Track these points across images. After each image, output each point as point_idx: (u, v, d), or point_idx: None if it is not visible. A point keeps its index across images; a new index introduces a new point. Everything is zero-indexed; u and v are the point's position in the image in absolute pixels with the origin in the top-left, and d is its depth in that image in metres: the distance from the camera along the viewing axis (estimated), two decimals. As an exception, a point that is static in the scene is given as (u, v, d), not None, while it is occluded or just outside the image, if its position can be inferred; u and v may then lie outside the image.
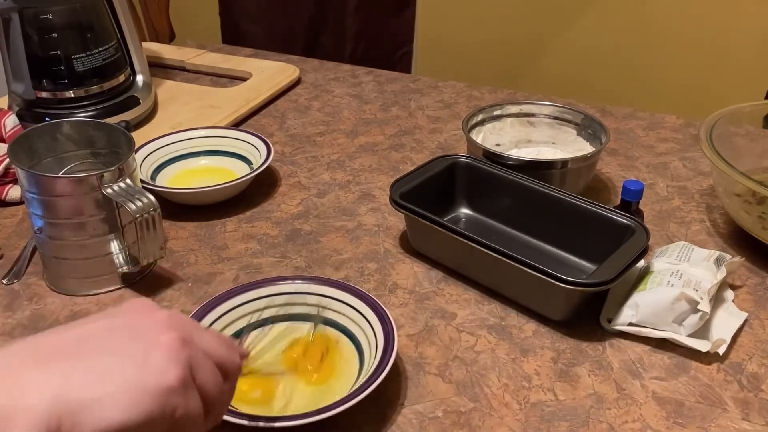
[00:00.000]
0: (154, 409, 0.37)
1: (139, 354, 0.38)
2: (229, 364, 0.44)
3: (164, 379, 0.38)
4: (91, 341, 0.39)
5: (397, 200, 0.76)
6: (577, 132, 0.93)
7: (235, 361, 0.45)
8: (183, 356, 0.40)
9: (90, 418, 0.35)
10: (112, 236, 0.71)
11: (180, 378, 0.39)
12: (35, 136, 0.73)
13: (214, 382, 0.42)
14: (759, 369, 0.64)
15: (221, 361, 0.43)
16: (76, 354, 0.38)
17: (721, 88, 1.72)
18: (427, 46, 1.87)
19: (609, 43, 1.81)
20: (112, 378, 0.37)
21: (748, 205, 0.79)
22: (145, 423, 0.37)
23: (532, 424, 0.59)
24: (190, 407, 0.40)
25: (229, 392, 0.45)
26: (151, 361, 0.38)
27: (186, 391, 0.39)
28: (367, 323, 0.64)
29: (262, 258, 0.79)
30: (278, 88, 1.17)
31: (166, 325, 0.41)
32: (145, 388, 0.37)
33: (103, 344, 0.39)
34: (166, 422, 0.38)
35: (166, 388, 0.38)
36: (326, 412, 0.54)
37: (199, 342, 0.42)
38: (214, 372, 0.42)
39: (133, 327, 0.40)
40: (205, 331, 0.44)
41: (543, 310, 0.70)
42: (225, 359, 0.44)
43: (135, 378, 0.37)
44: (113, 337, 0.39)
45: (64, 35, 0.95)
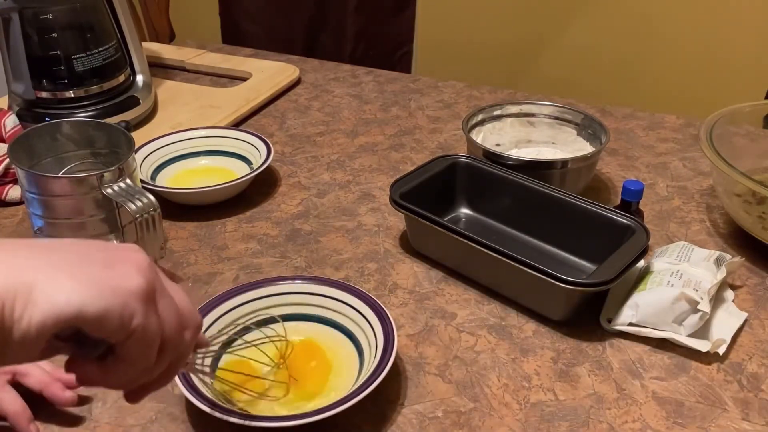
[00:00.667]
0: (112, 305, 0.36)
1: (107, 260, 0.38)
2: (191, 316, 0.43)
3: (128, 282, 0.37)
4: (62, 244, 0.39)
5: (397, 200, 0.76)
6: (577, 132, 0.93)
7: (196, 316, 0.44)
8: (149, 274, 0.39)
9: (45, 298, 0.34)
10: (112, 236, 0.71)
11: (144, 286, 0.38)
12: (35, 136, 0.73)
13: (174, 316, 0.41)
14: (759, 369, 0.64)
15: (183, 307, 0.43)
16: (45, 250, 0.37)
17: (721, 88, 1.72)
18: (427, 46, 1.87)
19: (609, 43, 1.81)
20: (76, 269, 0.36)
21: (748, 205, 0.79)
22: (101, 317, 0.36)
23: (532, 424, 0.59)
24: (148, 322, 0.38)
25: (187, 346, 0.44)
26: (117, 268, 0.38)
27: (147, 303, 0.38)
28: (367, 323, 0.64)
29: (262, 258, 0.79)
30: (278, 88, 1.17)
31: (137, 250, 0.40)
32: (107, 283, 0.37)
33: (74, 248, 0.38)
34: (122, 329, 0.37)
35: (129, 290, 0.37)
36: (326, 412, 0.54)
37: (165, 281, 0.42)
38: (175, 310, 0.41)
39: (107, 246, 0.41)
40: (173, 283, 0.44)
41: (543, 310, 0.70)
42: (187, 308, 0.43)
43: (98, 274, 0.37)
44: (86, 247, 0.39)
45: (64, 35, 0.96)
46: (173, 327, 0.41)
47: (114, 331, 0.37)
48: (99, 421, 0.59)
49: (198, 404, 0.55)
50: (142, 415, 0.60)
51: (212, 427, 0.57)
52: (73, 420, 0.59)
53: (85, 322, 0.36)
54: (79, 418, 0.59)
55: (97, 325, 0.36)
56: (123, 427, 0.59)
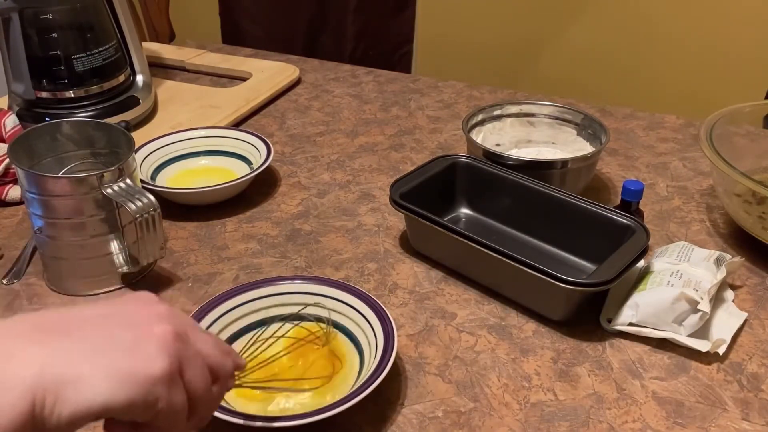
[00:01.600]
0: (136, 396, 0.37)
1: (129, 341, 0.39)
2: (221, 368, 0.44)
3: (150, 367, 0.38)
4: (84, 323, 0.39)
5: (397, 200, 0.76)
6: (577, 132, 0.93)
7: (227, 366, 0.45)
8: (173, 349, 0.40)
9: (72, 396, 0.35)
10: (112, 236, 0.71)
11: (166, 369, 0.39)
12: (35, 136, 0.73)
13: (202, 382, 0.42)
14: (759, 369, 0.64)
15: (213, 363, 0.44)
16: (67, 333, 0.38)
17: (721, 88, 1.72)
18: (427, 46, 1.87)
19: (609, 43, 1.81)
20: (99, 359, 0.37)
21: (748, 205, 0.79)
22: (126, 408, 0.37)
23: (532, 424, 0.59)
24: (174, 401, 0.40)
25: (218, 397, 0.45)
26: (140, 349, 0.39)
27: (171, 384, 0.39)
28: (367, 323, 0.64)
29: (262, 258, 0.79)
30: (278, 88, 1.17)
31: (161, 318, 0.41)
32: (130, 373, 0.37)
33: (96, 328, 0.39)
34: (147, 411, 0.38)
35: (151, 377, 0.38)
36: (326, 412, 0.54)
37: (194, 340, 0.42)
38: (203, 372, 0.42)
39: (129, 316, 0.41)
40: (202, 332, 0.44)
41: (543, 310, 0.70)
42: (217, 362, 0.44)
43: (121, 362, 0.38)
44: (107, 323, 0.40)
45: (64, 35, 0.95)
46: (201, 390, 0.42)
47: (140, 416, 0.39)
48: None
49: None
50: (142, 415, 0.60)
51: (212, 427, 0.57)
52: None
53: (112, 413, 0.37)
54: None
55: (123, 413, 0.38)
56: (123, 427, 0.59)
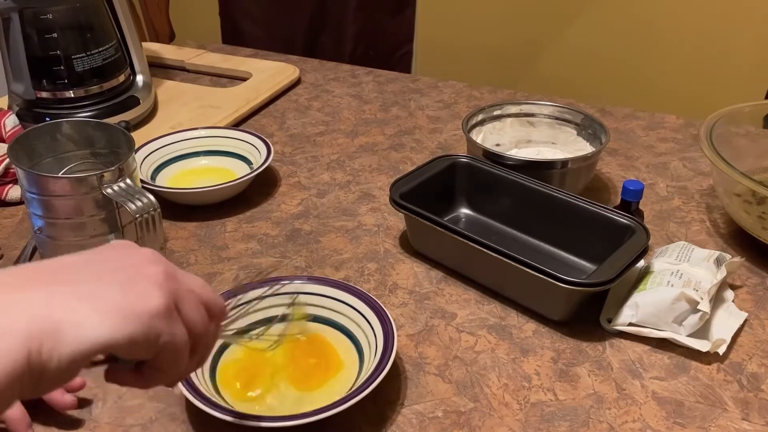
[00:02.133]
0: (137, 331, 0.37)
1: (122, 281, 0.38)
2: (213, 303, 0.45)
3: (149, 303, 0.38)
4: (77, 267, 0.39)
5: (397, 200, 0.76)
6: (577, 132, 0.93)
7: (219, 301, 0.45)
8: (167, 287, 0.40)
9: (71, 337, 0.35)
10: (112, 236, 0.71)
11: (164, 304, 0.39)
12: (35, 136, 0.73)
13: (199, 316, 0.42)
14: (759, 369, 0.64)
15: (206, 299, 0.44)
16: (60, 279, 0.37)
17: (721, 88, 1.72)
18: (427, 46, 1.87)
19: (609, 43, 1.80)
20: (96, 300, 0.37)
21: (748, 205, 0.79)
22: (128, 344, 0.37)
23: (532, 424, 0.59)
24: (175, 335, 0.40)
25: (214, 333, 0.45)
26: (135, 287, 0.38)
27: (170, 318, 0.39)
28: (366, 323, 0.64)
29: (262, 258, 0.79)
30: (278, 88, 1.17)
31: (149, 260, 0.41)
32: (129, 310, 0.37)
33: (89, 271, 0.39)
34: (150, 347, 0.38)
35: (150, 312, 0.38)
36: (326, 411, 0.54)
37: (183, 279, 0.43)
38: (198, 307, 0.43)
39: (118, 259, 0.41)
40: (189, 274, 0.44)
41: (543, 310, 0.70)
42: (209, 298, 0.44)
43: (119, 301, 0.37)
44: (99, 266, 0.39)
45: (64, 35, 0.95)
46: (200, 326, 0.42)
47: (142, 353, 0.39)
48: (99, 422, 0.59)
49: (198, 404, 0.55)
50: (142, 415, 0.60)
51: (212, 427, 0.57)
52: (73, 422, 0.59)
53: (114, 350, 0.37)
54: (78, 420, 0.59)
55: (125, 351, 0.37)
56: (123, 427, 0.59)
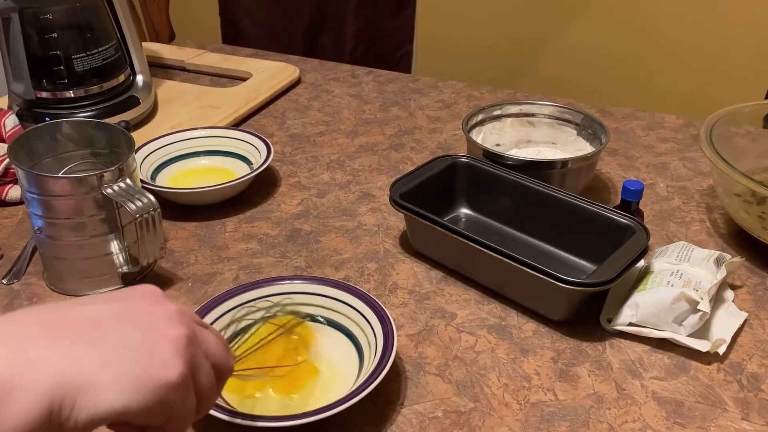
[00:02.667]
0: (153, 401, 0.38)
1: (146, 344, 0.39)
2: (224, 367, 0.45)
3: (168, 373, 0.38)
4: (98, 323, 0.39)
5: (397, 200, 0.76)
6: (577, 132, 0.93)
7: (230, 364, 0.46)
8: (187, 354, 0.40)
9: (90, 401, 0.36)
10: (112, 236, 0.71)
11: (182, 375, 0.39)
12: (35, 136, 0.73)
13: (209, 383, 0.43)
14: (759, 369, 0.64)
15: (218, 363, 0.44)
16: (83, 335, 0.38)
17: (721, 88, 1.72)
18: (427, 46, 1.87)
19: (609, 43, 1.80)
20: (117, 364, 0.37)
21: (748, 205, 0.79)
22: (143, 413, 0.37)
23: (532, 424, 0.59)
24: (186, 405, 0.40)
25: (217, 393, 0.46)
26: (157, 354, 0.39)
27: (185, 388, 0.40)
28: (366, 323, 0.64)
29: (262, 258, 0.79)
30: (278, 88, 1.17)
31: (174, 320, 0.41)
32: (148, 379, 0.38)
33: (110, 328, 0.39)
34: (161, 415, 0.39)
35: (169, 384, 0.38)
36: (326, 411, 0.54)
37: (202, 342, 0.43)
38: (210, 374, 0.43)
39: (143, 316, 0.41)
40: (207, 331, 0.45)
41: (543, 310, 0.70)
42: (222, 362, 0.45)
43: (139, 368, 0.38)
44: (122, 324, 0.40)
45: (64, 35, 0.95)
46: (208, 390, 0.43)
47: (153, 420, 0.39)
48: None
49: (198, 404, 0.55)
50: (142, 415, 0.60)
51: (212, 427, 0.57)
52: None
53: (129, 417, 0.37)
54: None
55: (138, 418, 0.38)
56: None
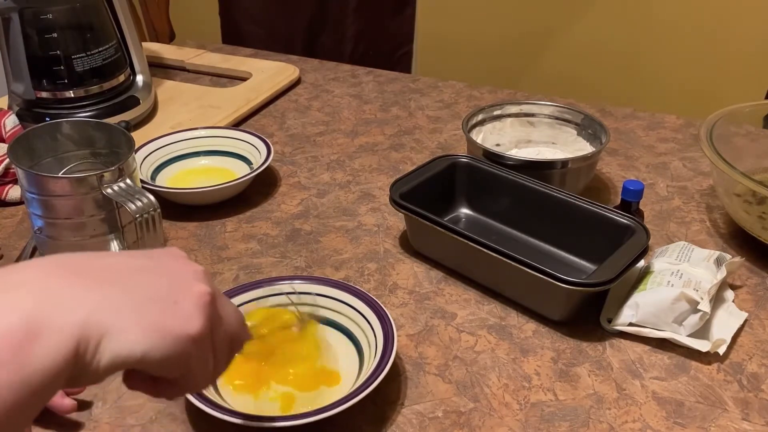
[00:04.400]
0: (172, 351, 0.38)
1: (172, 296, 0.39)
2: (239, 338, 0.46)
3: (189, 326, 0.39)
4: (128, 272, 0.40)
5: (397, 200, 0.76)
6: (577, 132, 0.93)
7: (242, 337, 0.47)
8: (208, 311, 0.41)
9: (114, 344, 0.36)
10: (112, 236, 0.71)
11: (202, 329, 0.40)
12: (35, 136, 0.73)
13: (226, 349, 0.44)
14: (759, 369, 0.64)
15: (234, 332, 0.45)
16: (113, 280, 0.38)
17: (721, 88, 1.72)
18: (427, 46, 1.87)
19: (609, 43, 1.81)
20: (142, 311, 0.38)
21: (748, 205, 0.79)
22: (161, 362, 0.38)
23: (532, 424, 0.59)
24: (203, 362, 0.41)
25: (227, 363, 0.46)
26: (180, 306, 0.39)
27: (204, 344, 0.40)
28: (366, 323, 0.64)
29: (262, 258, 0.79)
30: (278, 88, 1.17)
31: (199, 277, 0.42)
32: (170, 328, 0.38)
33: (139, 277, 0.40)
34: (179, 367, 0.39)
35: (190, 335, 0.39)
36: (326, 411, 0.54)
37: (221, 305, 0.43)
38: (227, 339, 0.44)
39: (171, 270, 0.42)
40: (227, 300, 0.45)
41: (543, 310, 0.70)
42: (237, 332, 0.45)
43: (163, 317, 0.38)
44: (151, 274, 0.40)
45: (64, 35, 0.95)
46: (224, 355, 0.44)
47: (171, 371, 0.40)
48: (99, 421, 0.59)
49: (198, 404, 0.55)
50: (142, 415, 0.60)
51: (212, 427, 0.57)
52: (73, 423, 0.59)
53: (146, 366, 0.38)
54: (79, 423, 0.59)
55: (156, 367, 0.38)
56: (123, 427, 0.59)
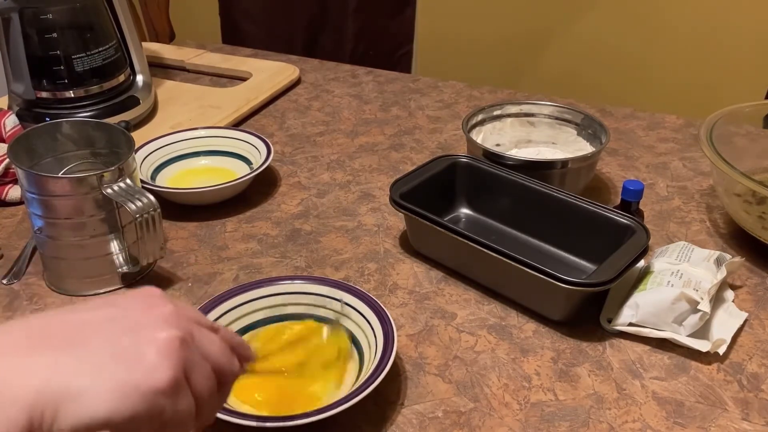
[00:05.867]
0: (140, 409, 0.36)
1: (132, 349, 0.37)
2: (227, 370, 0.43)
3: (154, 378, 0.37)
4: (86, 330, 0.37)
5: (397, 200, 0.76)
6: (577, 132, 0.93)
7: (234, 368, 0.44)
8: (178, 357, 0.38)
9: (72, 410, 0.34)
10: (112, 236, 0.71)
11: (171, 379, 0.37)
12: (35, 136, 0.73)
13: (207, 387, 0.41)
14: (759, 369, 0.64)
15: (219, 366, 0.42)
16: (68, 342, 0.36)
17: (721, 88, 1.72)
18: (427, 46, 1.87)
19: (609, 42, 1.81)
20: (101, 371, 0.35)
21: (748, 205, 0.79)
22: (130, 421, 0.36)
23: (532, 424, 0.59)
24: (180, 410, 0.38)
25: (223, 398, 0.44)
26: (143, 359, 0.37)
27: (177, 393, 0.38)
28: (366, 323, 0.64)
29: (262, 258, 0.79)
30: (278, 88, 1.17)
31: (167, 322, 0.39)
32: (133, 385, 0.36)
33: (98, 335, 0.37)
34: (153, 423, 0.37)
35: (155, 389, 0.36)
36: (326, 411, 0.54)
37: (200, 342, 0.41)
38: (209, 376, 0.41)
39: (134, 320, 0.39)
40: (209, 332, 0.42)
41: (543, 310, 0.70)
42: (223, 365, 0.42)
43: (124, 374, 0.36)
44: (110, 329, 0.38)
45: (64, 35, 0.95)
46: (207, 395, 0.40)
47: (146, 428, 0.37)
48: None
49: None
50: (142, 415, 0.60)
51: (212, 427, 0.57)
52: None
53: (115, 427, 0.36)
54: None
55: (127, 427, 0.36)
56: (123, 427, 0.59)
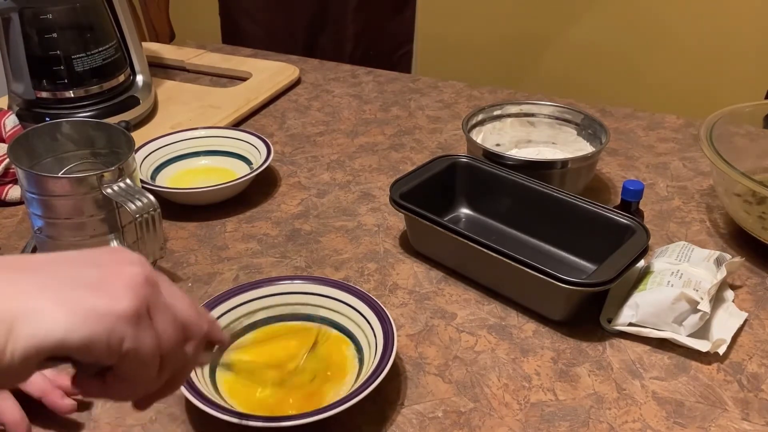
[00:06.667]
0: (97, 332, 0.35)
1: (95, 278, 0.36)
2: (194, 326, 0.42)
3: (115, 304, 0.36)
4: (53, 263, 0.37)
5: (397, 200, 0.76)
6: (577, 132, 0.93)
7: (201, 326, 0.42)
8: (142, 292, 0.37)
9: (26, 329, 0.33)
10: (112, 236, 0.71)
11: (133, 307, 0.36)
12: (35, 136, 0.73)
13: (172, 333, 0.39)
14: (759, 369, 0.64)
15: (185, 319, 0.41)
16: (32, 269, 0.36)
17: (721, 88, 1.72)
18: (427, 46, 1.87)
19: (609, 43, 1.81)
20: (60, 293, 0.35)
21: (748, 205, 0.79)
22: (85, 345, 0.34)
23: (532, 424, 0.59)
24: (141, 343, 0.37)
25: (192, 359, 0.42)
26: (108, 287, 0.36)
27: (138, 324, 0.37)
28: (366, 323, 0.64)
29: (262, 258, 0.79)
30: (278, 88, 1.17)
31: (133, 261, 0.39)
32: (91, 308, 0.35)
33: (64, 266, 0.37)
34: (111, 352, 0.36)
35: (116, 313, 0.35)
36: (326, 411, 0.54)
37: (167, 292, 0.40)
38: (174, 324, 0.40)
39: (104, 259, 0.39)
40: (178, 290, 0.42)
41: (543, 310, 0.70)
42: (190, 319, 0.41)
43: (83, 297, 0.35)
44: (76, 262, 0.38)
45: (64, 35, 0.95)
46: (172, 342, 0.40)
47: (102, 356, 0.36)
48: (99, 421, 0.59)
49: (198, 404, 0.55)
50: (142, 415, 0.60)
51: (212, 427, 0.57)
52: (73, 423, 0.59)
53: (70, 350, 0.34)
54: (79, 424, 0.59)
55: (82, 352, 0.35)
56: (123, 427, 0.59)
